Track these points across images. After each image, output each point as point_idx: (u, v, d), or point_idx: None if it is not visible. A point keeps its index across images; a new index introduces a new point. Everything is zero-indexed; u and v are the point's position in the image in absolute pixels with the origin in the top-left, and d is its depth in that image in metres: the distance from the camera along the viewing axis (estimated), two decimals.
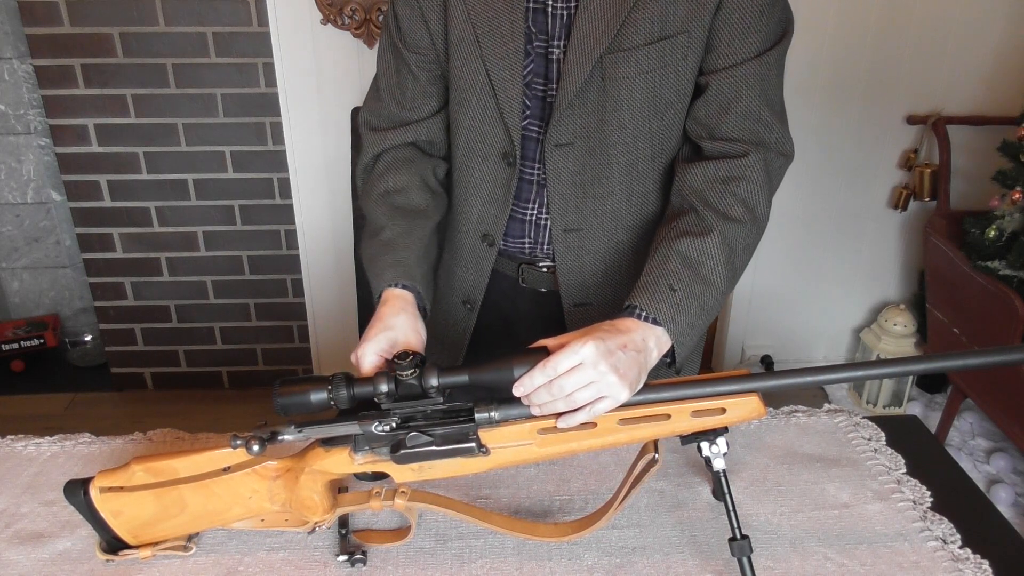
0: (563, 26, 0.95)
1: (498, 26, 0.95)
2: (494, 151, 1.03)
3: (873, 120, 2.45)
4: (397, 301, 0.93)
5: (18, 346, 2.76)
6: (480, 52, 0.96)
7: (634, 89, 0.95)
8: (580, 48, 0.93)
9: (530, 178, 1.04)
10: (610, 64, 0.93)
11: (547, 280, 1.12)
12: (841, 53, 2.36)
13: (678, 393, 0.78)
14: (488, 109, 1.00)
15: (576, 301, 1.10)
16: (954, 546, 0.88)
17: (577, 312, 1.10)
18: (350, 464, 0.82)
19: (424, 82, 1.04)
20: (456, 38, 0.98)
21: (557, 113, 0.97)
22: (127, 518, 0.84)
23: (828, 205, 2.57)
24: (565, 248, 1.06)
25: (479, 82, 0.98)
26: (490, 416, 0.78)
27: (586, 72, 0.93)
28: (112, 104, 2.33)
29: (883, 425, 1.09)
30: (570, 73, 0.94)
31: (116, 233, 2.51)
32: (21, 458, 1.05)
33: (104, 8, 2.21)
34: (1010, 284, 1.97)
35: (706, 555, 0.87)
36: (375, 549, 0.88)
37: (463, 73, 0.99)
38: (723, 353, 2.83)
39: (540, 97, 0.99)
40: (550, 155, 1.00)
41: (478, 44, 0.96)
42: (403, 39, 1.03)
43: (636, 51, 0.92)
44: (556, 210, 1.04)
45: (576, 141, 0.99)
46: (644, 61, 0.93)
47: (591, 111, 0.97)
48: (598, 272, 1.08)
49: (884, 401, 2.60)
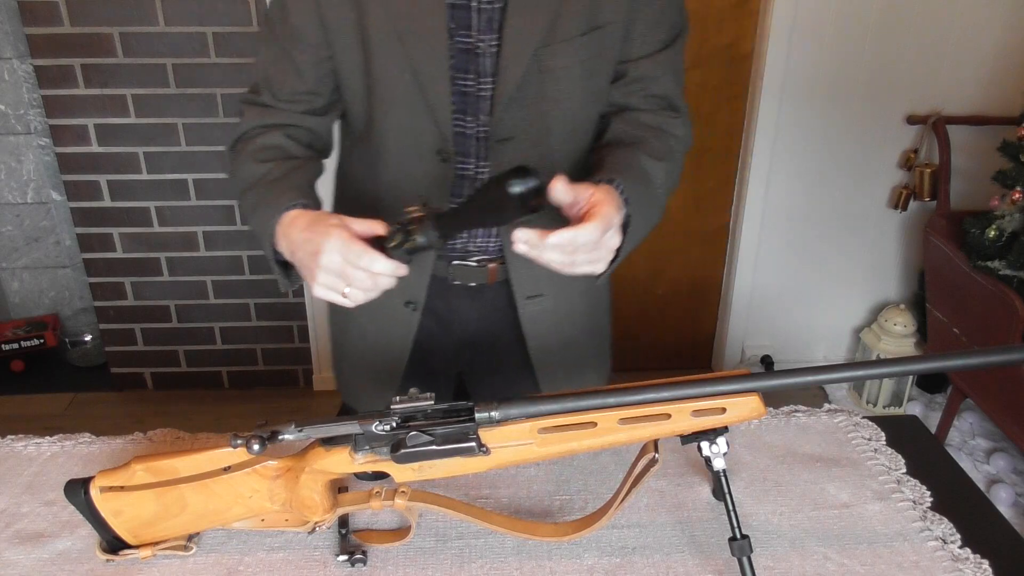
0: (489, 20, 0.94)
1: (421, 24, 0.93)
2: (427, 149, 1.01)
3: (873, 120, 2.45)
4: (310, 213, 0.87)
5: (18, 346, 2.76)
6: (405, 51, 0.94)
7: (573, 79, 0.97)
8: (515, 43, 0.93)
9: (464, 173, 1.03)
10: (547, 56, 0.95)
11: (477, 274, 1.10)
12: (841, 53, 2.36)
13: (678, 393, 0.78)
14: (417, 107, 0.98)
15: (529, 293, 1.10)
16: (954, 546, 0.88)
17: (531, 304, 1.10)
18: (350, 464, 0.82)
19: (312, 82, 1.01)
20: (377, 39, 0.95)
21: (499, 109, 0.97)
22: (127, 518, 0.84)
23: (828, 205, 2.58)
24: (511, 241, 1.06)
25: (405, 80, 0.96)
26: (490, 415, 0.78)
27: (523, 66, 0.94)
28: (112, 104, 2.33)
29: (883, 425, 1.09)
30: (507, 68, 0.94)
31: (116, 233, 2.51)
32: (21, 458, 1.05)
33: (104, 8, 2.21)
34: (1010, 284, 1.97)
35: (706, 555, 0.87)
36: (375, 549, 0.88)
37: (388, 74, 0.97)
38: (723, 353, 2.83)
39: (466, 92, 0.98)
40: (494, 150, 1.00)
41: (401, 43, 0.94)
42: (293, 35, 0.98)
43: (571, 42, 0.95)
44: None
45: (518, 135, 0.99)
46: (581, 51, 0.96)
47: (531, 104, 0.98)
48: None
49: (884, 401, 2.60)
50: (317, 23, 0.96)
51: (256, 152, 0.99)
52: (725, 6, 2.36)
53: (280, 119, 1.01)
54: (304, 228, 0.85)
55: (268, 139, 1.00)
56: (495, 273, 1.10)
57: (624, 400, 0.78)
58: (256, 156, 0.98)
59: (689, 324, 2.86)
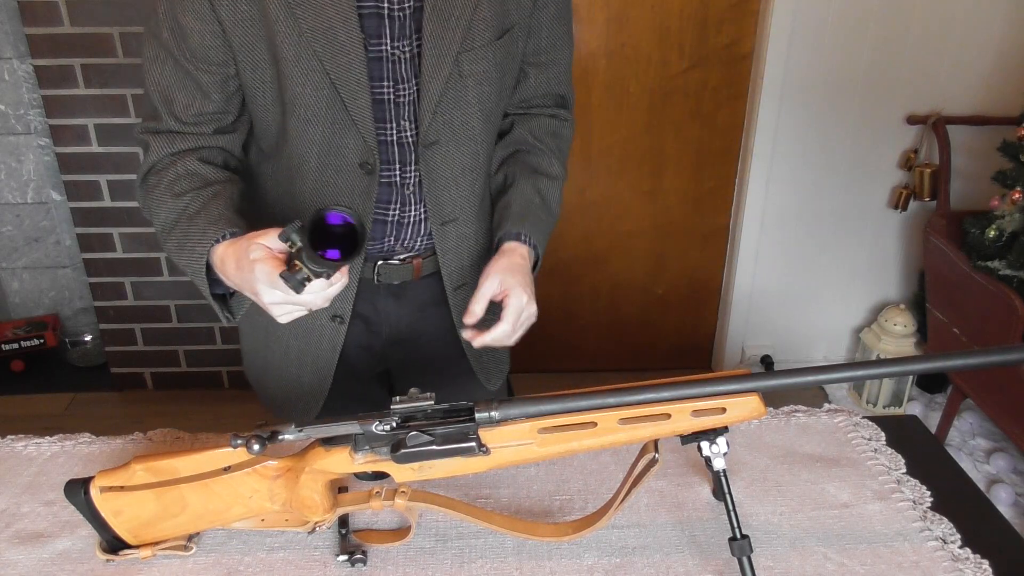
0: (402, 27, 0.95)
1: (334, 37, 0.91)
2: (349, 162, 1.00)
3: (873, 120, 2.45)
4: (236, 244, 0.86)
5: (18, 346, 2.76)
6: (322, 67, 0.93)
7: (491, 81, 1.01)
8: (435, 49, 0.95)
9: (388, 180, 1.03)
10: (467, 62, 0.97)
11: (402, 272, 1.11)
12: (841, 53, 2.36)
13: (678, 393, 0.78)
14: (338, 122, 0.97)
15: (456, 284, 1.13)
16: (954, 546, 0.88)
17: (459, 293, 1.13)
18: (350, 464, 0.82)
19: (219, 101, 0.97)
20: (291, 56, 0.92)
21: (425, 114, 0.98)
22: (127, 518, 0.84)
23: (828, 205, 2.57)
24: (444, 239, 1.09)
25: (324, 96, 0.95)
26: (490, 415, 0.78)
27: (446, 71, 0.96)
28: (112, 104, 2.33)
29: (883, 425, 1.09)
30: (430, 75, 0.96)
31: (116, 233, 2.51)
32: (21, 458, 1.05)
33: (104, 8, 2.21)
34: (1010, 284, 1.97)
35: (706, 555, 0.87)
36: (375, 549, 0.88)
37: (305, 91, 0.94)
38: (723, 353, 2.83)
39: (382, 100, 0.98)
40: (423, 155, 1.02)
41: (318, 59, 0.92)
42: (191, 54, 0.93)
43: (488, 47, 0.98)
44: (433, 207, 1.06)
45: (442, 138, 1.02)
46: (495, 55, 0.99)
47: (454, 107, 1.00)
48: (474, 253, 1.13)
49: (884, 401, 2.60)
50: (221, 42, 0.93)
51: (171, 184, 0.96)
52: (725, 6, 2.36)
53: (190, 143, 0.98)
54: (234, 269, 0.86)
55: (182, 167, 0.97)
56: (419, 268, 1.12)
57: (624, 400, 0.78)
58: (171, 189, 0.96)
59: (689, 324, 2.86)
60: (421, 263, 1.12)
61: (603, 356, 2.87)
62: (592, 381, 0.82)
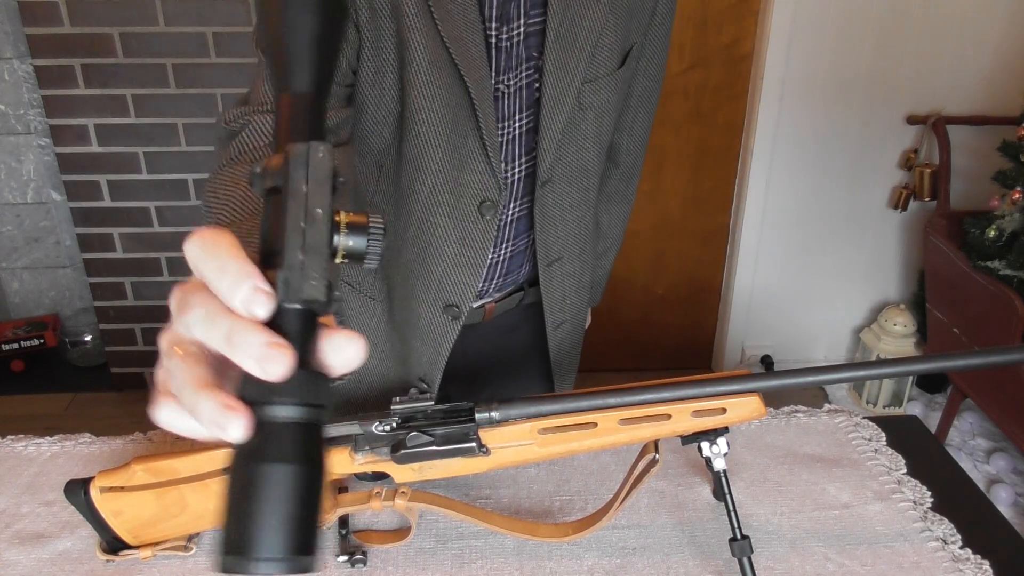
0: (509, 59, 0.84)
1: (467, 50, 0.79)
2: (465, 200, 0.89)
3: (873, 120, 2.45)
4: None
5: (18, 346, 2.76)
6: (458, 74, 0.80)
7: (610, 113, 0.93)
8: (558, 82, 0.85)
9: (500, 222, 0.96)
10: (588, 93, 0.88)
11: (479, 314, 1.06)
12: (841, 53, 2.36)
13: (678, 393, 0.78)
14: (465, 149, 0.85)
15: (556, 323, 1.09)
16: (954, 546, 0.88)
17: (559, 332, 1.09)
18: (350, 464, 0.82)
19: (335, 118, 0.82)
20: (426, 62, 0.79)
21: (549, 152, 0.90)
22: (128, 518, 0.84)
23: (828, 205, 2.58)
24: (549, 279, 1.03)
25: (463, 117, 0.83)
26: (491, 416, 0.78)
27: (569, 105, 0.87)
28: (112, 104, 2.33)
29: (883, 425, 1.08)
30: (551, 110, 0.87)
31: (116, 233, 2.51)
32: (21, 458, 1.05)
33: (104, 8, 2.21)
34: (1010, 284, 1.97)
35: (706, 555, 0.87)
36: (375, 549, 0.88)
37: (434, 106, 0.81)
38: (723, 353, 2.83)
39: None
40: (539, 194, 0.94)
41: (454, 66, 0.78)
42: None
43: (611, 77, 0.89)
44: (541, 247, 0.99)
45: (555, 176, 0.94)
46: (617, 84, 0.91)
47: (570, 142, 0.92)
48: (577, 289, 1.08)
49: (884, 401, 2.60)
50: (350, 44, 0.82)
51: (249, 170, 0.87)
52: (725, 6, 2.36)
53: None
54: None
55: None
56: (491, 313, 1.07)
57: (624, 400, 0.78)
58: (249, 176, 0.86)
59: (689, 324, 2.86)
60: (495, 307, 1.06)
61: (603, 356, 2.87)
62: (592, 381, 0.82)
